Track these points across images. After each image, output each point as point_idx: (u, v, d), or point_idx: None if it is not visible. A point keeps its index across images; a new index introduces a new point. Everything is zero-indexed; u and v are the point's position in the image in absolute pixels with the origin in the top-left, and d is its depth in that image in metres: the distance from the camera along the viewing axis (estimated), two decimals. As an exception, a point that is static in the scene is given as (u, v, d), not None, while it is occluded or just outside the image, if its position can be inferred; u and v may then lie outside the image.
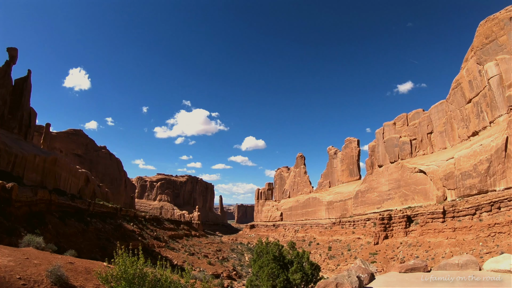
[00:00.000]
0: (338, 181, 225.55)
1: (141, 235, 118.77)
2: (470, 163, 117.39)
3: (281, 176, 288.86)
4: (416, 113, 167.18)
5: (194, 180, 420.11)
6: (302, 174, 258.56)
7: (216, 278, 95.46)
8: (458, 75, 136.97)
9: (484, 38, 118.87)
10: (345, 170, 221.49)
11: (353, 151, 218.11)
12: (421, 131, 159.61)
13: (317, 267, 29.56)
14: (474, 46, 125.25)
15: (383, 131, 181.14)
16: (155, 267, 16.47)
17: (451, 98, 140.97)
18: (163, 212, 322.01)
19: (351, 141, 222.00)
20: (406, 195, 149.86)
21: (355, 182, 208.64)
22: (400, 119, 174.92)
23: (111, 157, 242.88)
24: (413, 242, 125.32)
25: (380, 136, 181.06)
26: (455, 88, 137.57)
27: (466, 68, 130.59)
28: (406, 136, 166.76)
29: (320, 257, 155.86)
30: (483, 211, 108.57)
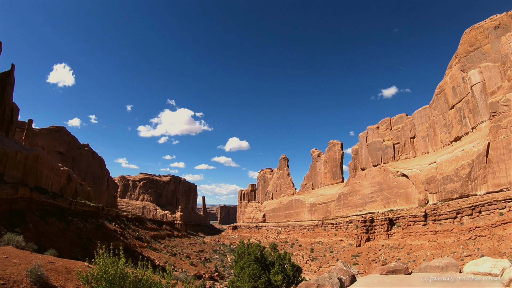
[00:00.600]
0: (321, 183, 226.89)
1: (123, 235, 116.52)
2: (452, 168, 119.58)
3: (264, 178, 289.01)
4: (399, 118, 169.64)
5: (177, 180, 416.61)
6: (285, 176, 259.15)
7: (198, 279, 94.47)
8: (442, 81, 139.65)
9: (469, 46, 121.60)
10: (328, 173, 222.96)
11: (336, 154, 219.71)
12: (404, 135, 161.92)
13: (298, 269, 29.73)
14: (458, 54, 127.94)
15: (366, 135, 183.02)
16: (136, 267, 16.28)
17: (434, 103, 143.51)
18: (145, 212, 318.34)
19: (334, 144, 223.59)
20: (388, 198, 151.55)
21: (338, 184, 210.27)
22: (383, 123, 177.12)
23: (94, 155, 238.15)
24: (395, 244, 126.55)
25: (364, 140, 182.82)
26: (439, 94, 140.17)
27: (450, 74, 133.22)
28: (389, 140, 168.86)
29: (303, 258, 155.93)
30: (464, 214, 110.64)
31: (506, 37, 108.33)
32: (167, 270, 16.72)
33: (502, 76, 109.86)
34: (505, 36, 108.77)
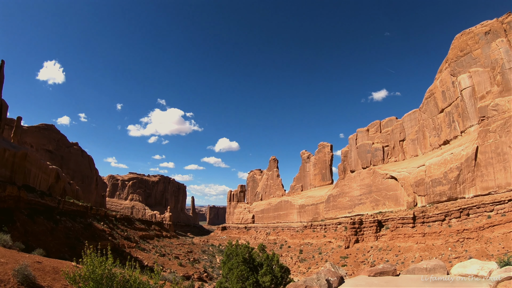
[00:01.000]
0: (311, 185, 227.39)
1: (111, 235, 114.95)
2: (441, 171, 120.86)
3: (253, 179, 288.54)
4: (389, 121, 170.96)
5: (166, 180, 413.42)
6: (275, 177, 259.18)
7: (187, 280, 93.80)
8: (432, 85, 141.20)
9: (459, 51, 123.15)
10: (317, 174, 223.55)
11: (326, 156, 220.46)
12: (393, 138, 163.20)
13: (286, 270, 29.74)
14: (448, 58, 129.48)
15: (356, 137, 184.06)
16: (124, 267, 16.23)
17: (424, 107, 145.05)
18: (134, 212, 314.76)
19: (324, 146, 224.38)
20: (377, 200, 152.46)
21: (327, 186, 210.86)
22: (373, 126, 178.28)
23: (83, 154, 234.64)
24: (384, 246, 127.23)
25: (353, 142, 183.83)
26: (429, 97, 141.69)
27: (440, 78, 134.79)
28: (378, 142, 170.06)
29: (291, 260, 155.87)
30: (452, 217, 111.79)
31: (496, 43, 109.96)
32: (155, 271, 16.67)
33: (491, 81, 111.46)
34: (495, 42, 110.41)
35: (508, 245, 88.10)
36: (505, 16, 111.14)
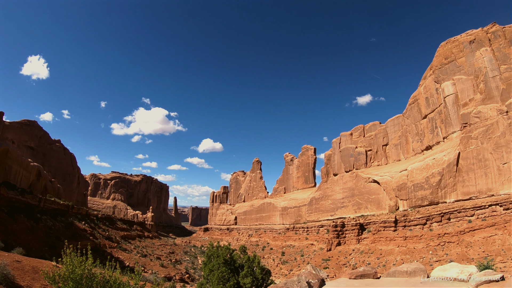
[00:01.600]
0: (293, 187, 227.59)
1: (92, 234, 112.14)
2: (423, 176, 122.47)
3: (237, 180, 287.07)
4: (373, 125, 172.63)
5: (149, 180, 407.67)
6: (258, 179, 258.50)
7: (169, 281, 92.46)
8: (416, 92, 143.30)
9: (444, 58, 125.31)
10: (300, 177, 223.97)
11: (309, 159, 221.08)
12: (376, 142, 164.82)
13: (267, 272, 29.71)
14: (433, 65, 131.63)
15: (339, 141, 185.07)
16: (105, 268, 16.17)
17: (407, 112, 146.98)
18: (116, 212, 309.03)
19: (308, 149, 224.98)
20: (359, 203, 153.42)
21: (310, 189, 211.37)
22: (357, 130, 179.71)
23: (65, 152, 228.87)
24: (365, 249, 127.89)
25: (337, 146, 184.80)
26: (412, 103, 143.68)
27: (424, 85, 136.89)
28: (362, 146, 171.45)
29: (274, 262, 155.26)
30: (433, 221, 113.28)
31: (481, 52, 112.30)
32: (136, 271, 16.61)
33: (474, 89, 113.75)
34: (480, 51, 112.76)
35: (488, 249, 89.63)
36: (490, 26, 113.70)
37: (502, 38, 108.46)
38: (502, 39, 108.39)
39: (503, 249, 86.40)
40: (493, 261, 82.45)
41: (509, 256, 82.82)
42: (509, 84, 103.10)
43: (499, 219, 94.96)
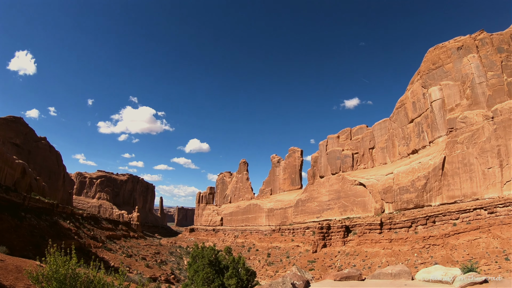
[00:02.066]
0: (280, 189, 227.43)
1: (77, 234, 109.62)
2: (409, 179, 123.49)
3: (223, 181, 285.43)
4: (360, 128, 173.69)
5: (135, 179, 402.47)
6: (244, 180, 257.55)
7: (154, 281, 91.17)
8: (403, 96, 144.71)
9: (431, 64, 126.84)
10: (287, 179, 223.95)
11: (296, 161, 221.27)
12: (363, 145, 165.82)
13: (252, 273, 29.85)
14: (421, 70, 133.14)
15: (326, 143, 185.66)
16: (89, 267, 16.03)
17: (394, 116, 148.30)
18: (101, 211, 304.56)
19: (294, 151, 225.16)
20: (345, 206, 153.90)
21: (296, 191, 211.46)
22: (344, 133, 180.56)
23: (51, 150, 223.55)
24: (351, 251, 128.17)
25: (324, 148, 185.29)
26: (399, 107, 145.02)
27: (412, 90, 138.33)
28: (348, 149, 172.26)
29: (259, 263, 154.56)
30: (418, 224, 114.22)
31: (468, 58, 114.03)
32: (120, 271, 16.38)
33: (461, 94, 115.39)
34: (467, 57, 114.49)
35: (472, 252, 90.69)
36: (478, 33, 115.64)
37: (489, 45, 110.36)
38: (489, 46, 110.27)
39: (488, 252, 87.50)
40: (478, 263, 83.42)
41: (493, 259, 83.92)
42: (495, 90, 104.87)
43: (484, 223, 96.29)
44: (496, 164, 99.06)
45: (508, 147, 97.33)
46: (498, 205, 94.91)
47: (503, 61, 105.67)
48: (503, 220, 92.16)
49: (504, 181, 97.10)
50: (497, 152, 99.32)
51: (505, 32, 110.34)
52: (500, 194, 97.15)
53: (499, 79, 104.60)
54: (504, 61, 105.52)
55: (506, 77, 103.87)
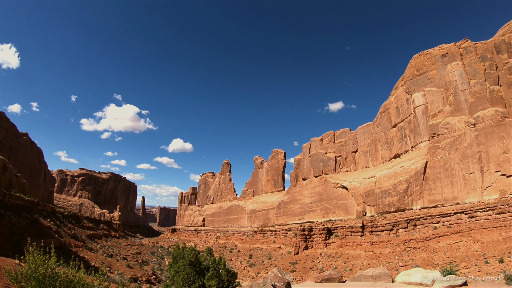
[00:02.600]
0: (262, 190, 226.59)
1: (57, 232, 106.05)
2: (390, 183, 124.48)
3: (206, 181, 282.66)
4: (343, 132, 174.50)
5: (117, 178, 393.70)
6: (227, 181, 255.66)
7: (135, 282, 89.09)
8: (387, 101, 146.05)
9: (416, 70, 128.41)
10: (269, 180, 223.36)
11: (279, 163, 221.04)
12: (346, 149, 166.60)
13: (233, 274, 29.54)
14: (405, 76, 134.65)
15: (310, 146, 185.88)
16: (69, 267, 15.74)
17: (377, 121, 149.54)
18: (82, 210, 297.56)
19: (278, 153, 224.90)
20: (327, 208, 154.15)
21: (278, 192, 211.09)
22: (327, 136, 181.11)
23: (32, 146, 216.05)
24: (333, 253, 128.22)
25: (307, 151, 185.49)
26: (383, 112, 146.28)
27: (395, 95, 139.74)
28: (331, 152, 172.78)
29: (241, 264, 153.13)
30: (400, 227, 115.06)
31: (452, 66, 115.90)
32: (100, 271, 16.23)
33: (444, 100, 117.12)
34: (451, 65, 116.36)
35: (453, 255, 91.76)
36: (463, 41, 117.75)
37: (473, 54, 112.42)
38: (473, 55, 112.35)
39: (468, 256, 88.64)
40: (458, 266, 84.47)
41: (473, 262, 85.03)
42: (478, 98, 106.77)
43: (464, 227, 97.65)
44: (477, 170, 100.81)
45: (489, 153, 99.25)
46: (479, 209, 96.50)
47: (486, 70, 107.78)
48: (483, 224, 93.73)
49: (485, 187, 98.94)
50: (478, 158, 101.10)
51: (489, 42, 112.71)
52: (481, 199, 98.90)
53: (482, 87, 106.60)
54: (488, 70, 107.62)
55: (488, 85, 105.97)
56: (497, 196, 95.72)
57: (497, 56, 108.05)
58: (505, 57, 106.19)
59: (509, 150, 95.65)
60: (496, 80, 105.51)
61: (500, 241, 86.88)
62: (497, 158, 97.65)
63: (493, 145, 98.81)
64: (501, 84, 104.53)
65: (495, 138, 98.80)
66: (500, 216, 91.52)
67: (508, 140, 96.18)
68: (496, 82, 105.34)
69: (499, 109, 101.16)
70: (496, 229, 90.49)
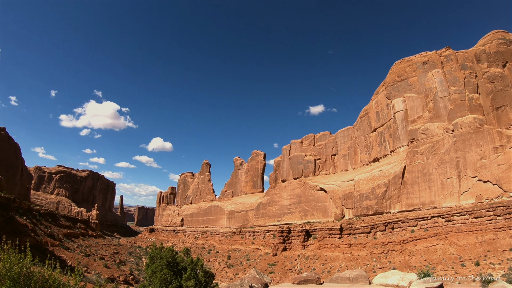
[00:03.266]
0: (241, 191, 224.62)
1: (34, 231, 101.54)
2: (369, 186, 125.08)
3: (185, 181, 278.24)
4: (323, 135, 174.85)
5: (96, 176, 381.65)
6: (206, 182, 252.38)
7: (112, 282, 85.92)
8: (367, 106, 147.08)
9: (397, 76, 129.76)
10: (249, 182, 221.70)
11: (258, 164, 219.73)
12: (326, 152, 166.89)
13: (211, 275, 28.95)
14: (386, 82, 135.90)
15: (290, 148, 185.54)
16: (45, 266, 15.17)
17: (357, 125, 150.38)
18: (60, 208, 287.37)
19: (257, 154, 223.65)
20: (306, 210, 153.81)
21: (258, 194, 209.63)
22: (307, 138, 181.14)
23: (10, 141, 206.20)
24: (311, 255, 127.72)
25: (287, 153, 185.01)
26: (363, 116, 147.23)
27: (376, 100, 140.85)
28: (311, 155, 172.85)
29: (219, 265, 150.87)
30: (378, 230, 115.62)
31: (432, 73, 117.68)
32: (76, 271, 15.88)
33: (423, 107, 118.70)
34: (432, 72, 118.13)
35: (430, 258, 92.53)
36: (444, 49, 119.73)
37: (454, 62, 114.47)
38: (454, 63, 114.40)
39: (444, 258, 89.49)
40: (435, 269, 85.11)
41: (450, 265, 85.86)
42: (457, 105, 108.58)
43: (441, 230, 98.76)
44: (454, 175, 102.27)
45: (467, 159, 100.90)
46: (455, 213, 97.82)
47: (466, 78, 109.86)
48: (460, 228, 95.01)
49: (462, 191, 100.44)
50: (455, 163, 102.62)
51: (470, 51, 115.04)
52: (457, 204, 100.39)
53: (461, 94, 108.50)
54: (467, 78, 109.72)
55: (468, 93, 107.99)
56: (473, 201, 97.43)
57: (477, 65, 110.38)
58: (485, 66, 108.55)
59: (486, 156, 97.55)
60: (475, 88, 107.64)
61: (476, 244, 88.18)
62: (474, 164, 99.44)
63: (471, 152, 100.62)
64: (480, 92, 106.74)
65: (472, 145, 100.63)
66: (476, 220, 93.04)
67: (485, 147, 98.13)
68: (475, 90, 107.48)
69: (477, 116, 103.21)
70: (472, 233, 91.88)
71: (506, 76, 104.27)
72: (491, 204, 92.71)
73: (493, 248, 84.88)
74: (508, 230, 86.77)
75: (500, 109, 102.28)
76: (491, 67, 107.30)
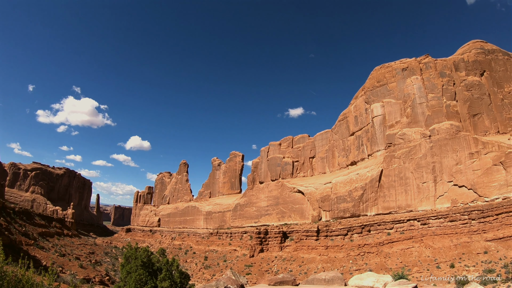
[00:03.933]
0: (219, 192, 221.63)
1: (8, 229, 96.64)
2: (346, 189, 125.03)
3: (162, 181, 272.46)
4: (301, 137, 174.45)
5: (72, 174, 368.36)
6: (184, 182, 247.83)
7: (87, 283, 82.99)
8: (346, 110, 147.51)
9: (376, 81, 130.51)
10: (227, 183, 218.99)
11: (236, 165, 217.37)
12: (304, 154, 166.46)
13: (186, 276, 28.87)
14: (365, 87, 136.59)
15: (268, 150, 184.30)
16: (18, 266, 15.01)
17: (336, 128, 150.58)
18: (35, 206, 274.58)
19: (236, 155, 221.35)
20: (283, 212, 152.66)
21: (235, 195, 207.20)
22: (286, 140, 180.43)
23: None
24: (288, 256, 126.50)
25: (265, 154, 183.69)
26: (342, 120, 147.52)
27: (355, 104, 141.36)
28: (289, 157, 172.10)
29: (196, 266, 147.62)
30: (354, 232, 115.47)
31: (411, 79, 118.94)
32: (49, 270, 15.64)
33: (401, 112, 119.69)
34: (411, 78, 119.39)
35: (405, 260, 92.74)
36: (423, 57, 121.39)
37: (432, 69, 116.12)
38: (432, 70, 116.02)
39: (420, 261, 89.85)
40: (410, 271, 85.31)
41: (425, 267, 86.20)
42: (434, 111, 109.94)
43: (417, 233, 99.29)
44: (431, 180, 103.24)
45: (443, 164, 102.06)
46: (431, 217, 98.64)
47: (444, 85, 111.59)
48: (435, 231, 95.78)
49: (437, 195, 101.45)
50: (432, 168, 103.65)
51: (449, 59, 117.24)
52: (433, 207, 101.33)
53: (439, 101, 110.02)
54: (445, 85, 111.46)
55: (445, 100, 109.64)
56: (449, 205, 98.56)
57: (455, 73, 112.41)
58: (463, 74, 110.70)
59: (462, 162, 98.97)
60: (453, 95, 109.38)
61: (451, 247, 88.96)
62: (450, 169, 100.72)
63: (447, 157, 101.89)
64: (458, 99, 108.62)
65: (449, 150, 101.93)
66: (451, 224, 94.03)
67: (461, 153, 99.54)
68: (453, 97, 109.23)
69: (454, 123, 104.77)
70: (447, 236, 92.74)
71: (483, 84, 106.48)
72: (466, 208, 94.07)
73: (467, 251, 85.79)
74: (483, 233, 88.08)
75: (477, 116, 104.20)
76: (469, 76, 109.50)
